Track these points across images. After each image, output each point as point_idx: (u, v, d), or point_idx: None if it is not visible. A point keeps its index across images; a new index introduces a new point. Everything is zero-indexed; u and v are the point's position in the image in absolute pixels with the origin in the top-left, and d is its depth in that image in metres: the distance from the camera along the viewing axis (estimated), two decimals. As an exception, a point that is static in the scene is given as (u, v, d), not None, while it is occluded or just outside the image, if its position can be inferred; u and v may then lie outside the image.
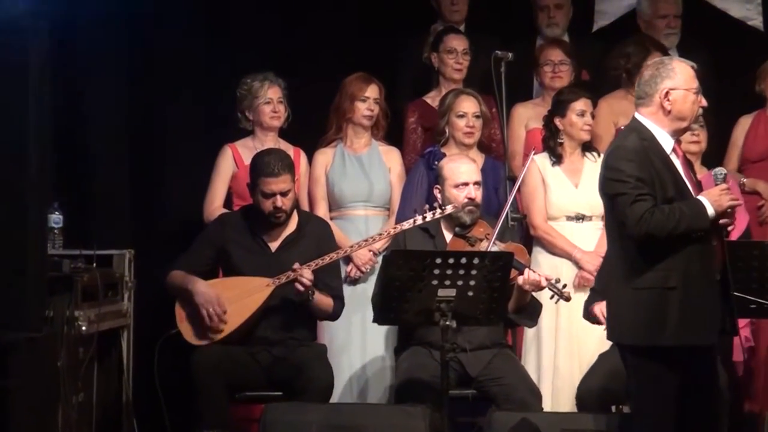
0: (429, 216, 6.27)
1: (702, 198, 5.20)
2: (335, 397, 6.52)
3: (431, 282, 5.78)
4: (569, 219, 6.89)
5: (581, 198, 6.83)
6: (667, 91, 5.25)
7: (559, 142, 6.90)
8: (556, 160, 6.91)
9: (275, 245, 6.47)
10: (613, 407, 6.31)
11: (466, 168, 6.49)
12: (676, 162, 5.29)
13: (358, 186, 7.03)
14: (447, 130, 7.00)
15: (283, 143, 7.00)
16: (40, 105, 5.56)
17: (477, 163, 6.66)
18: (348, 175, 7.04)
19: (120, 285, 6.52)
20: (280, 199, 6.36)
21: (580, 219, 6.88)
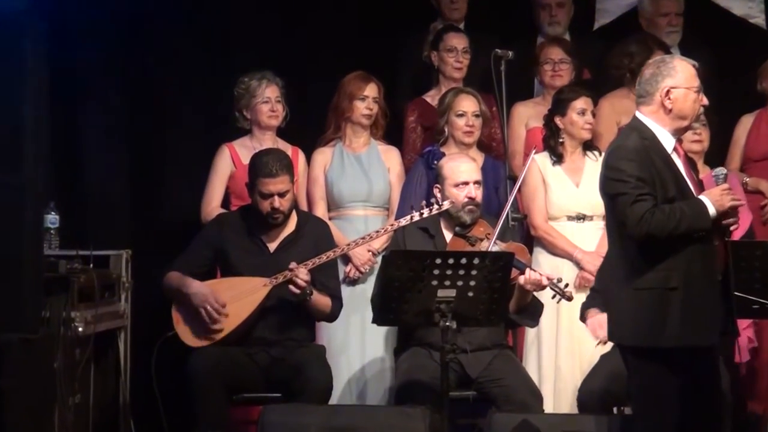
0: (426, 212, 6.23)
1: (703, 198, 5.18)
2: (334, 399, 6.50)
3: (431, 282, 5.74)
4: (570, 219, 6.86)
5: (582, 197, 6.80)
6: (668, 90, 5.22)
7: (560, 141, 6.86)
8: (556, 159, 6.88)
9: (274, 246, 6.44)
10: (615, 409, 6.30)
11: (466, 167, 6.46)
12: (677, 161, 5.26)
13: (357, 186, 7.00)
14: (446, 129, 6.97)
15: (281, 142, 6.96)
16: (36, 105, 5.55)
17: (477, 163, 6.63)
18: (347, 175, 7.00)
19: (117, 286, 6.52)
20: (278, 200, 6.32)
21: (581, 219, 6.85)
